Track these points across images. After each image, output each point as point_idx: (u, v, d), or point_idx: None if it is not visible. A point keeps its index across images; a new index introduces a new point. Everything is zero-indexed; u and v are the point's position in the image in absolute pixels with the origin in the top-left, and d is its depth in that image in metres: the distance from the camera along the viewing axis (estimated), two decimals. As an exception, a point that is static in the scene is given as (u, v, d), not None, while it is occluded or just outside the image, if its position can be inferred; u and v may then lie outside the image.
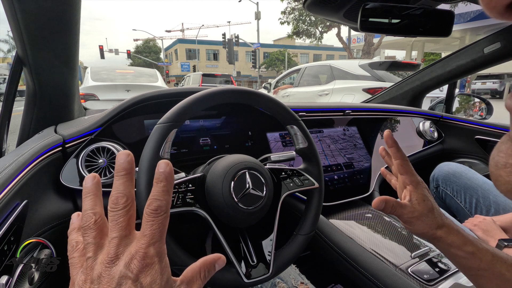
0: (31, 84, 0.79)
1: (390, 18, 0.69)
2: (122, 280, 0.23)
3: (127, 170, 0.26)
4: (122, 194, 0.25)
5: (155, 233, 0.24)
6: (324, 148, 1.04)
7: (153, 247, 0.24)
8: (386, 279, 0.64)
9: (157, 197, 0.25)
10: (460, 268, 0.42)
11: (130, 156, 0.26)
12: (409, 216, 0.43)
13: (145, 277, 0.23)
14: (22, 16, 0.62)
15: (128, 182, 0.25)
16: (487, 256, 0.39)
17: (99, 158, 0.70)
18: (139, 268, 0.23)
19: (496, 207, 0.90)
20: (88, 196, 0.27)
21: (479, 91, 13.61)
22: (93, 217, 0.25)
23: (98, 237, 0.25)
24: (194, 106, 0.55)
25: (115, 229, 0.24)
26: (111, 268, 0.23)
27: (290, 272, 0.72)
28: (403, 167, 0.47)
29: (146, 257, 0.23)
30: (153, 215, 0.24)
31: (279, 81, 5.93)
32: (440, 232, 0.42)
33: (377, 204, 0.42)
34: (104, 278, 0.23)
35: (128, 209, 0.25)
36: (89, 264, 0.24)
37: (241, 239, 0.59)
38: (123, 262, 0.23)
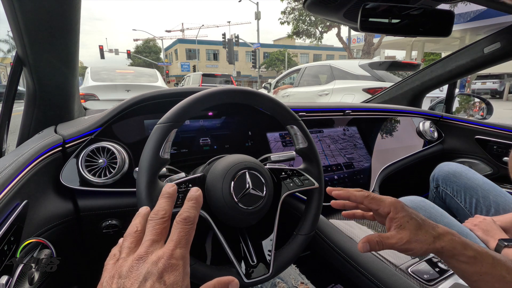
0: (31, 84, 0.79)
1: (390, 18, 0.69)
2: (148, 276, 0.25)
3: (171, 195, 0.32)
4: (163, 209, 0.30)
5: (181, 239, 0.28)
6: (324, 148, 1.04)
7: (179, 250, 0.27)
8: (386, 279, 0.64)
9: (188, 210, 0.30)
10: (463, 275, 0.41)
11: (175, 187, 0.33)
12: (399, 244, 0.41)
13: (168, 277, 0.26)
14: (22, 16, 0.62)
15: (169, 203, 0.31)
16: (487, 259, 0.39)
17: (99, 158, 0.70)
18: (164, 267, 0.26)
19: (496, 207, 0.90)
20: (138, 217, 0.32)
21: (479, 91, 13.60)
22: (135, 228, 0.30)
23: (133, 243, 0.29)
24: (194, 106, 0.55)
25: (149, 233, 0.28)
26: (139, 265, 0.26)
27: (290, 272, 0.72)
28: (372, 204, 0.46)
29: (172, 257, 0.26)
30: (181, 223, 0.29)
31: (279, 81, 5.93)
32: (439, 242, 0.41)
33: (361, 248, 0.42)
34: (132, 273, 0.25)
35: (165, 221, 0.29)
36: (120, 263, 0.27)
37: (241, 239, 0.59)
38: (150, 260, 0.26)
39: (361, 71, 4.01)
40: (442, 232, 0.42)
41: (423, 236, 0.41)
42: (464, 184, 0.98)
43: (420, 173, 1.37)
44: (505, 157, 1.27)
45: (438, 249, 0.41)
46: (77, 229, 0.70)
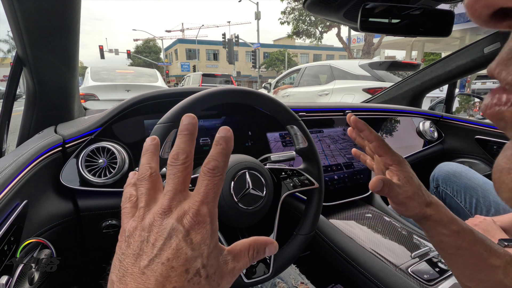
0: (31, 84, 0.79)
1: (390, 18, 0.69)
2: (173, 233, 0.23)
3: (190, 131, 0.26)
4: (183, 150, 0.25)
5: (209, 193, 0.24)
6: (324, 148, 1.04)
7: (206, 206, 0.24)
8: (386, 279, 0.64)
9: (215, 157, 0.25)
10: (440, 247, 0.41)
11: (195, 119, 0.26)
12: (403, 196, 0.40)
13: (195, 235, 0.23)
14: (22, 16, 0.62)
15: (189, 141, 0.26)
16: (469, 236, 0.39)
17: (99, 158, 0.70)
18: (191, 224, 0.23)
19: (496, 207, 0.90)
20: (146, 153, 0.28)
21: (479, 91, 13.58)
22: (149, 170, 0.26)
23: (152, 190, 0.26)
24: (194, 106, 0.55)
25: (171, 183, 0.25)
26: (163, 219, 0.23)
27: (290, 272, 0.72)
28: (381, 148, 0.45)
29: (199, 214, 0.23)
30: (209, 174, 0.24)
31: (279, 81, 5.93)
32: (430, 210, 0.41)
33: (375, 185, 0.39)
34: (155, 227, 0.23)
35: (187, 166, 0.25)
36: (141, 213, 0.24)
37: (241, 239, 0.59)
38: (175, 215, 0.23)
39: (361, 71, 4.01)
40: (434, 201, 0.42)
41: (420, 198, 0.41)
42: (464, 184, 0.99)
43: (420, 173, 1.36)
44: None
45: (426, 215, 0.40)
46: (77, 229, 0.70)
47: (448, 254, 0.40)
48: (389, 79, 3.83)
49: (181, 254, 0.22)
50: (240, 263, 0.26)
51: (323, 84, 4.60)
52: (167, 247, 0.22)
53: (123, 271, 0.23)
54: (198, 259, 0.23)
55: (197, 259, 0.23)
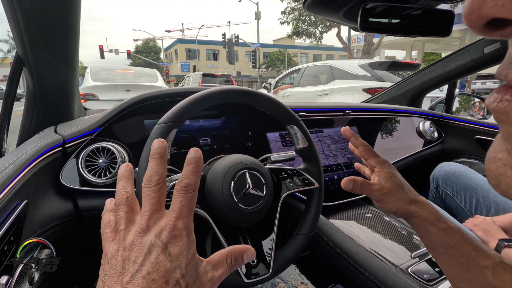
0: (31, 84, 0.79)
1: (390, 18, 0.69)
2: (152, 248, 0.24)
3: (161, 154, 0.28)
4: (155, 173, 0.27)
5: (183, 208, 0.26)
6: (324, 148, 1.04)
7: (181, 221, 0.26)
8: (386, 279, 0.64)
9: (187, 176, 0.27)
10: (430, 246, 0.42)
11: (165, 143, 0.29)
12: (379, 193, 0.43)
13: (173, 247, 0.25)
14: (22, 16, 0.62)
15: (161, 164, 0.28)
16: (457, 235, 0.40)
17: (99, 158, 0.70)
18: (168, 238, 0.25)
19: (496, 207, 0.90)
20: (122, 179, 0.30)
21: (479, 91, 13.58)
22: (125, 195, 0.29)
23: (130, 213, 0.28)
24: (194, 106, 0.55)
25: (147, 204, 0.27)
26: (142, 237, 0.25)
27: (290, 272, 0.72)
28: (365, 152, 0.49)
29: (175, 229, 0.25)
30: (182, 191, 0.26)
31: (279, 81, 5.93)
32: (414, 207, 0.42)
33: (345, 184, 0.43)
34: (135, 246, 0.25)
35: (160, 187, 0.27)
36: (122, 235, 0.26)
37: (241, 239, 0.59)
38: (153, 232, 0.25)
39: (361, 71, 4.01)
40: (420, 200, 0.44)
41: (402, 195, 0.43)
42: (464, 184, 0.99)
43: (420, 173, 1.37)
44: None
45: (411, 211, 0.42)
46: (77, 229, 0.70)
47: (439, 254, 0.41)
48: (389, 79, 3.83)
49: (160, 266, 0.24)
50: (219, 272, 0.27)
51: (323, 84, 4.60)
52: (147, 261, 0.24)
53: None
54: (177, 270, 0.24)
55: (176, 270, 0.24)
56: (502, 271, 0.37)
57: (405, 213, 0.43)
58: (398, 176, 0.46)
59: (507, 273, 0.37)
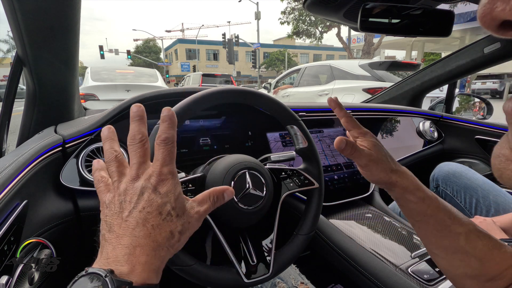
0: (31, 84, 0.79)
1: (390, 18, 0.69)
2: (143, 190, 0.29)
3: (140, 116, 0.32)
4: (138, 132, 0.31)
5: (166, 157, 0.31)
6: (324, 148, 1.04)
7: (166, 167, 0.30)
8: (386, 279, 0.64)
9: (165, 131, 0.31)
10: (409, 214, 0.43)
11: (142, 107, 0.33)
12: (366, 159, 0.43)
13: (162, 187, 0.30)
14: (22, 16, 0.62)
15: (142, 124, 0.32)
16: (434, 203, 0.42)
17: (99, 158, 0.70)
18: (156, 181, 0.30)
19: (496, 207, 0.90)
20: (107, 140, 0.33)
21: (479, 91, 13.59)
22: (114, 153, 0.32)
23: (120, 167, 0.32)
24: (194, 106, 0.55)
25: (134, 157, 0.31)
26: (133, 183, 0.30)
27: (290, 272, 0.72)
28: (348, 123, 0.49)
29: (161, 174, 0.30)
30: (162, 144, 0.31)
31: (279, 81, 5.93)
32: (395, 176, 0.43)
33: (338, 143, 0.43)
34: (129, 190, 0.29)
35: (144, 143, 0.31)
36: (116, 185, 0.31)
37: (241, 239, 0.59)
38: (143, 178, 0.30)
39: (361, 71, 4.01)
40: (401, 170, 0.44)
41: (385, 164, 0.44)
42: (464, 184, 0.98)
43: (420, 173, 1.36)
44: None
45: (392, 181, 0.43)
46: (77, 229, 0.70)
47: (416, 222, 0.43)
48: (389, 79, 3.83)
49: (153, 202, 0.29)
50: (204, 207, 0.33)
51: (323, 84, 4.60)
52: (141, 200, 0.29)
53: (109, 225, 0.29)
54: (167, 204, 0.30)
55: (166, 204, 0.29)
56: (475, 238, 0.39)
57: (386, 182, 0.43)
58: (381, 145, 0.47)
59: (479, 240, 0.39)
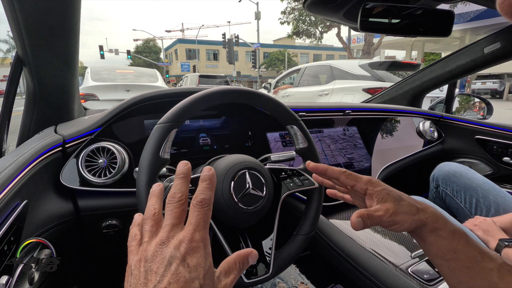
0: (31, 84, 0.79)
1: (390, 18, 0.69)
2: (172, 260, 0.26)
3: (185, 174, 0.32)
4: (179, 191, 0.30)
5: (200, 222, 0.28)
6: (324, 148, 1.04)
7: (198, 233, 0.28)
8: (386, 279, 0.64)
9: (202, 192, 0.30)
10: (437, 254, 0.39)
11: (189, 165, 0.32)
12: (387, 215, 0.39)
13: (191, 259, 0.27)
14: (22, 16, 0.62)
15: (185, 183, 0.31)
16: (463, 237, 0.39)
17: (99, 158, 0.70)
18: (186, 250, 0.27)
19: (496, 207, 0.90)
20: (152, 196, 0.33)
21: (479, 91, 13.59)
22: (153, 210, 0.31)
23: (154, 227, 0.30)
24: (194, 106, 0.55)
25: (169, 218, 0.29)
26: (162, 249, 0.27)
27: (290, 272, 0.72)
28: (349, 179, 0.44)
29: (193, 241, 0.27)
30: (198, 206, 0.29)
31: (279, 81, 5.93)
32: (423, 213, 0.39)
33: (355, 225, 0.38)
34: (156, 257, 0.27)
35: (182, 203, 0.30)
36: (144, 247, 0.28)
37: (241, 239, 0.59)
38: (173, 244, 0.27)
39: (361, 71, 4.01)
40: (424, 205, 0.41)
41: (407, 207, 0.40)
42: (464, 184, 0.98)
43: (420, 173, 1.36)
44: (505, 157, 1.27)
45: (422, 220, 0.39)
46: (77, 229, 0.70)
47: (445, 261, 0.39)
48: (389, 79, 3.83)
49: (180, 277, 0.25)
50: (230, 278, 0.30)
51: (323, 84, 4.60)
52: (168, 272, 0.26)
53: None
54: (196, 281, 0.26)
55: (195, 281, 0.26)
56: (507, 273, 0.36)
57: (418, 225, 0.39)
58: (392, 189, 0.42)
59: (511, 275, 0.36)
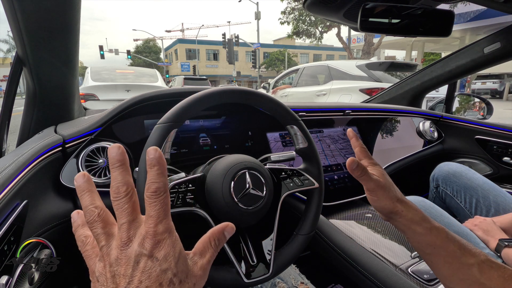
0: (31, 84, 0.79)
1: (390, 18, 0.69)
2: (138, 258, 0.24)
3: (121, 161, 0.27)
4: (121, 183, 0.26)
5: (159, 212, 0.26)
6: (324, 148, 1.04)
7: (161, 224, 0.25)
8: (386, 279, 0.64)
9: (154, 180, 0.26)
10: (418, 246, 0.43)
11: (121, 148, 0.27)
12: (374, 184, 0.45)
13: (158, 252, 0.25)
14: (22, 16, 0.62)
15: (124, 171, 0.27)
16: (442, 233, 0.41)
17: (99, 158, 0.70)
18: (152, 245, 0.25)
19: (496, 207, 0.90)
20: (84, 193, 0.28)
21: (479, 91, 13.60)
22: (95, 210, 0.27)
23: (106, 227, 0.27)
24: (194, 106, 0.55)
25: (122, 216, 0.26)
26: (126, 250, 0.25)
27: (290, 272, 0.72)
28: (361, 153, 0.51)
29: (156, 234, 0.25)
30: (153, 196, 0.26)
31: (277, 81, 5.93)
32: (400, 206, 0.44)
33: (350, 163, 0.44)
34: (121, 259, 0.25)
35: (130, 196, 0.26)
36: (105, 251, 0.26)
37: (241, 239, 0.59)
38: (136, 242, 0.25)
39: (358, 72, 4.01)
40: (405, 200, 0.45)
41: (392, 193, 0.45)
42: (464, 184, 0.98)
43: (420, 173, 1.36)
44: (505, 157, 1.27)
45: (397, 210, 0.44)
46: None
47: (427, 255, 0.42)
48: (386, 79, 3.83)
49: (151, 272, 0.24)
50: (207, 257, 0.29)
51: (321, 84, 4.60)
52: (137, 271, 0.24)
53: None
54: (168, 271, 0.25)
55: (167, 272, 0.25)
56: (488, 268, 0.38)
57: (391, 211, 0.44)
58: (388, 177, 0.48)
59: (493, 270, 0.38)
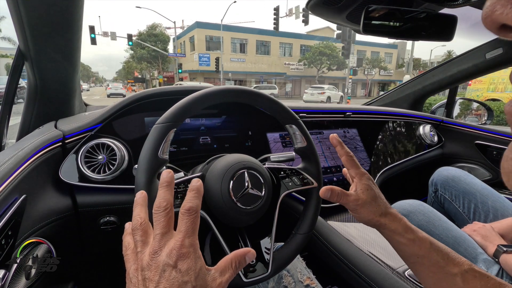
0: (32, 79, 0.79)
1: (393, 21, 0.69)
2: (165, 267, 0.29)
3: (168, 183, 0.33)
4: (163, 200, 0.32)
5: (188, 229, 0.30)
6: (324, 150, 1.04)
7: (187, 239, 0.30)
8: (383, 282, 0.64)
9: (190, 201, 0.32)
10: (402, 255, 0.45)
11: (171, 173, 0.34)
12: (354, 204, 0.47)
13: (182, 264, 0.29)
14: (25, 10, 0.62)
15: (168, 191, 0.33)
16: (425, 244, 0.43)
17: (98, 155, 0.70)
18: (177, 257, 0.29)
19: (495, 212, 0.90)
20: (137, 206, 0.34)
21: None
22: (139, 220, 0.33)
23: (144, 236, 0.32)
24: (193, 106, 0.54)
25: (157, 227, 0.31)
26: (156, 258, 0.29)
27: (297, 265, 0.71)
28: (348, 162, 0.52)
29: (183, 247, 0.29)
30: (186, 214, 0.31)
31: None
32: (384, 219, 0.46)
33: (323, 193, 0.47)
34: (151, 266, 0.29)
35: (168, 212, 0.31)
36: (139, 257, 0.30)
37: (240, 239, 0.59)
38: (165, 253, 0.29)
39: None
40: (391, 212, 0.47)
41: (375, 207, 0.47)
42: (463, 189, 0.98)
43: (419, 177, 1.37)
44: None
45: (381, 223, 0.46)
46: (75, 225, 0.70)
47: (411, 264, 0.44)
48: None
49: (174, 282, 0.28)
50: (226, 276, 0.32)
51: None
52: (163, 279, 0.28)
53: None
54: (188, 283, 0.29)
55: (187, 283, 0.29)
56: (472, 278, 0.39)
57: (376, 224, 0.46)
58: (375, 189, 0.49)
59: (476, 280, 0.38)
